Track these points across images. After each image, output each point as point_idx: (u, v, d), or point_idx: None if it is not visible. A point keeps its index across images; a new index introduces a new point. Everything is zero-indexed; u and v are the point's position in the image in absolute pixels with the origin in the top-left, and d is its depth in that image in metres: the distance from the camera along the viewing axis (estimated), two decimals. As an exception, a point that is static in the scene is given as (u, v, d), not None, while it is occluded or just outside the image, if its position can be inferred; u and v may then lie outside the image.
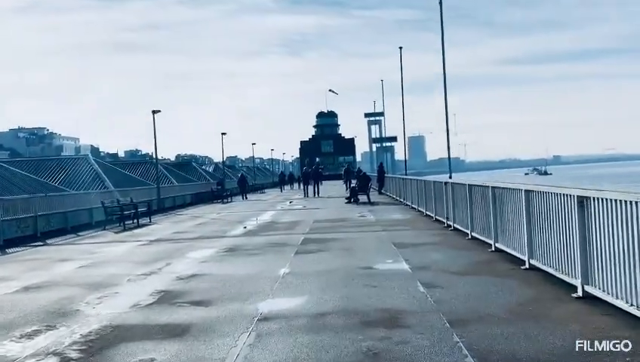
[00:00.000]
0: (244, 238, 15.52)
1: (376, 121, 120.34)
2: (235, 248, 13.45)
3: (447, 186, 15.82)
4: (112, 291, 8.99)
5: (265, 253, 12.44)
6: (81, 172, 30.81)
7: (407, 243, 12.76)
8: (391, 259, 10.72)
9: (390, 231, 15.36)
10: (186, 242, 15.37)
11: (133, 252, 13.99)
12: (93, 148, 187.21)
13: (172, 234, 17.69)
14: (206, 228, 19.15)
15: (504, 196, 10.46)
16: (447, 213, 15.85)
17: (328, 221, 19.48)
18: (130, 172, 41.64)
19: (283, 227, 18.21)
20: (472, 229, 12.96)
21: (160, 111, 30.73)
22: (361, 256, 11.31)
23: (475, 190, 12.73)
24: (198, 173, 53.46)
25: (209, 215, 25.95)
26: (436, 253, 11.33)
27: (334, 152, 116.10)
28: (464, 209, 13.63)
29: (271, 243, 14.11)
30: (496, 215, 10.91)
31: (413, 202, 23.19)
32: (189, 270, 10.55)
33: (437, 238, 13.53)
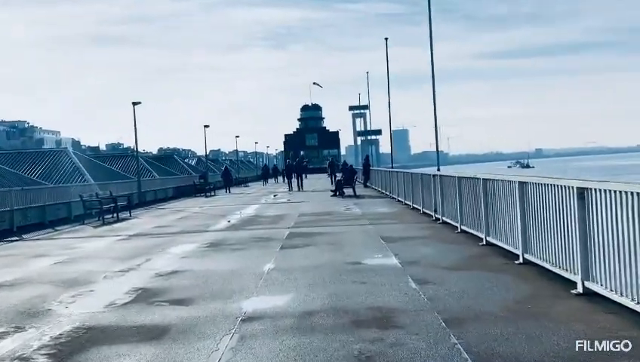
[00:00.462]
0: (228, 233, 15.08)
1: (361, 114, 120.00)
2: (217, 243, 13.02)
3: (435, 179, 15.49)
4: (87, 289, 8.53)
5: (249, 247, 12.02)
6: (60, 165, 30.12)
7: (395, 237, 12.40)
8: (380, 254, 10.35)
9: (377, 225, 15.00)
10: (167, 237, 14.90)
11: (112, 247, 13.51)
12: (75, 141, 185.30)
13: (153, 229, 17.20)
14: (188, 223, 18.68)
15: (496, 188, 10.12)
16: (436, 206, 15.52)
17: (314, 214, 19.09)
18: (111, 165, 40.96)
19: (267, 221, 17.79)
20: (461, 222, 12.63)
21: (140, 103, 30.12)
22: (349, 250, 10.93)
23: (464, 182, 12.40)
24: (180, 167, 52.78)
25: (191, 209, 25.45)
26: (426, 247, 10.98)
27: (319, 146, 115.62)
28: (453, 202, 13.30)
29: (255, 237, 13.69)
30: (488, 208, 10.58)
31: (399, 195, 22.87)
32: (169, 266, 10.11)
33: (426, 232, 13.19)
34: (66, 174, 29.13)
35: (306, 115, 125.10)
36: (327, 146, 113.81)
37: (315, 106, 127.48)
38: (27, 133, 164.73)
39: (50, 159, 30.46)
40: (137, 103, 30.04)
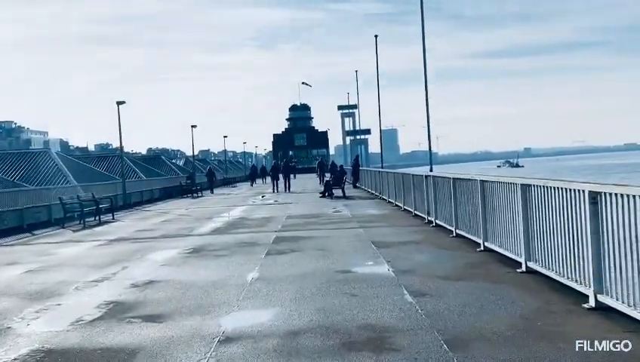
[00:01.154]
0: (212, 237, 14.41)
1: (350, 114, 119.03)
2: (200, 248, 12.35)
3: (428, 180, 14.89)
4: (54, 302, 7.85)
5: (233, 253, 11.36)
6: (42, 167, 29.27)
7: (387, 242, 11.79)
8: (371, 261, 9.72)
9: (368, 228, 14.38)
10: (149, 242, 14.21)
11: (89, 253, 12.80)
12: (63, 142, 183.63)
13: (134, 233, 16.49)
14: (171, 226, 17.98)
15: (496, 191, 9.53)
16: (428, 208, 14.92)
17: (302, 217, 18.44)
18: (96, 166, 40.10)
19: (254, 224, 17.13)
20: (456, 226, 12.04)
21: (124, 102, 29.32)
22: (338, 257, 10.30)
23: (460, 184, 11.80)
24: (167, 167, 51.91)
25: (177, 211, 24.72)
26: (420, 253, 10.37)
27: (307, 145, 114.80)
28: (448, 204, 12.71)
29: (240, 242, 13.03)
30: (486, 211, 9.98)
31: (390, 196, 22.27)
32: (146, 275, 9.43)
33: (419, 236, 12.58)
34: (48, 176, 28.29)
35: (294, 115, 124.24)
36: (316, 146, 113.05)
37: (304, 106, 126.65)
38: (14, 134, 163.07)
39: (31, 160, 29.59)
40: (122, 103, 29.24)
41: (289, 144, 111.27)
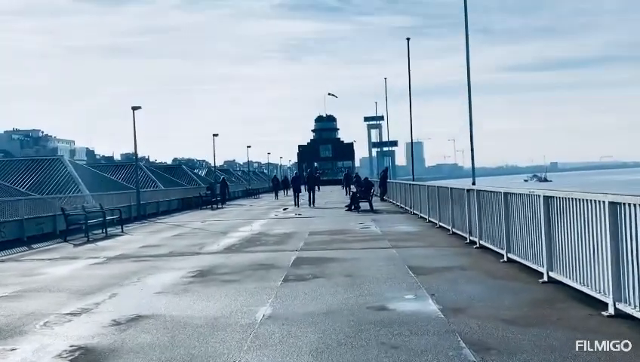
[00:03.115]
0: (223, 256, 12.69)
1: (377, 125, 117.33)
2: (207, 271, 10.64)
3: (471, 194, 13.03)
4: (8, 347, 6.15)
5: (244, 279, 9.62)
6: (54, 175, 27.93)
7: (426, 268, 9.95)
8: (411, 294, 7.90)
9: (401, 249, 12.55)
10: (152, 261, 12.53)
11: (80, 274, 11.14)
12: (89, 150, 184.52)
13: (139, 249, 14.84)
14: (182, 242, 16.31)
15: (566, 209, 7.67)
16: (470, 226, 13.06)
17: (326, 233, 16.67)
18: (114, 175, 38.75)
19: (272, 241, 15.38)
20: (508, 249, 10.17)
21: (140, 107, 27.88)
22: (370, 286, 8.50)
23: (514, 199, 9.93)
24: (188, 177, 50.39)
25: (192, 223, 23.09)
26: (469, 283, 8.52)
27: (333, 157, 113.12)
28: (497, 223, 10.84)
29: (254, 263, 11.30)
30: (552, 234, 8.12)
31: (422, 211, 20.40)
32: (135, 307, 7.72)
33: (463, 260, 10.73)
34: (60, 184, 26.93)
35: (320, 126, 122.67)
36: (341, 158, 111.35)
37: (330, 117, 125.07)
38: (41, 142, 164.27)
39: (43, 168, 28.28)
40: (137, 108, 27.84)
41: (314, 155, 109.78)
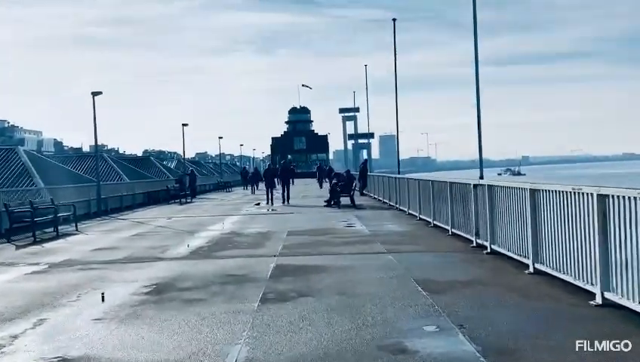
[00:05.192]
0: (188, 264, 10.67)
1: (352, 117, 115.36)
2: (166, 285, 8.61)
3: (479, 190, 11.18)
4: None
5: (211, 298, 7.63)
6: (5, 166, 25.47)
7: (438, 282, 8.06)
8: (431, 323, 5.98)
9: (399, 254, 10.65)
10: (101, 269, 10.45)
11: (7, 289, 8.99)
12: (57, 142, 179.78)
13: (90, 253, 12.72)
14: (142, 243, 14.21)
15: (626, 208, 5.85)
16: (477, 227, 11.22)
17: (307, 233, 14.71)
18: (76, 167, 36.23)
19: (246, 243, 13.37)
20: (536, 258, 8.33)
21: (101, 93, 25.46)
22: (374, 311, 6.57)
23: (544, 197, 8.08)
24: (156, 169, 47.88)
25: (157, 220, 20.93)
26: (501, 307, 6.63)
27: (307, 149, 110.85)
28: (519, 226, 8.99)
29: (225, 274, 9.30)
30: (608, 241, 6.29)
31: (411, 207, 18.55)
32: (61, 346, 5.69)
33: (478, 271, 8.86)
34: (11, 177, 24.51)
35: (293, 118, 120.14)
36: (315, 150, 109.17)
37: (304, 109, 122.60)
38: (7, 133, 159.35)
39: (-4, 160, 25.82)
40: (98, 93, 25.49)
41: (288, 147, 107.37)
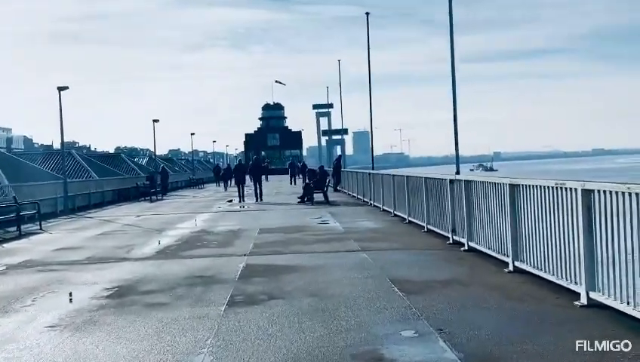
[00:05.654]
0: (154, 264, 10.18)
1: (326, 113, 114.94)
2: (128, 288, 8.13)
3: (455, 186, 10.87)
4: None
5: (175, 302, 7.17)
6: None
7: (414, 281, 7.71)
8: (409, 328, 5.61)
9: (373, 252, 10.30)
10: (62, 270, 9.91)
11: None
12: (27, 139, 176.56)
13: (52, 253, 12.15)
14: (108, 242, 13.66)
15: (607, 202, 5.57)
16: (454, 224, 10.92)
17: (279, 230, 14.30)
18: (44, 164, 35.30)
19: (216, 241, 12.91)
20: (515, 256, 8.03)
21: (67, 88, 24.63)
22: (348, 314, 6.18)
23: (524, 192, 7.77)
24: (126, 166, 47.01)
25: (125, 218, 20.32)
26: (482, 309, 6.29)
27: (281, 146, 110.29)
28: (498, 222, 8.68)
29: (192, 275, 8.85)
30: (593, 237, 5.99)
31: (386, 204, 18.24)
32: (4, 358, 5.21)
33: (456, 269, 8.54)
34: (-26, 175, 23.67)
35: (267, 115, 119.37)
36: (289, 146, 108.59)
37: (277, 105, 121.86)
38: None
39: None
40: (64, 88, 24.65)
41: (261, 144, 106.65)
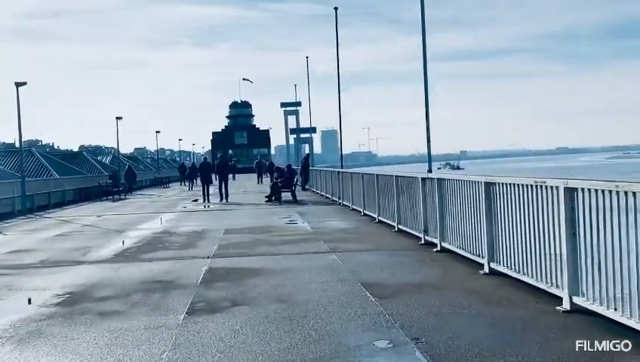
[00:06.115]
0: (111, 267, 9.61)
1: (294, 112, 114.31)
2: (81, 294, 7.57)
3: (427, 184, 10.51)
4: None
5: (131, 310, 6.64)
6: None
7: (387, 285, 7.31)
8: (383, 338, 5.19)
9: (344, 254, 9.88)
10: (12, 275, 9.28)
11: None
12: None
13: (4, 256, 11.47)
14: (64, 244, 13.00)
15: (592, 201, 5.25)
16: (427, 224, 10.57)
17: (245, 231, 13.80)
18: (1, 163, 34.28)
19: (178, 243, 12.36)
20: (491, 258, 7.69)
21: (26, 83, 23.84)
22: (317, 322, 5.74)
23: (501, 191, 7.43)
24: (89, 165, 45.99)
25: (85, 218, 19.58)
26: (460, 315, 5.90)
27: (248, 144, 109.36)
28: (473, 222, 8.33)
29: (150, 280, 8.32)
30: (577, 239, 5.65)
31: (355, 203, 17.86)
32: None
33: (430, 272, 8.16)
34: None
35: (234, 113, 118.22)
36: (257, 145, 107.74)
37: (245, 103, 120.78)
38: None
39: None
40: (22, 84, 23.80)
41: (229, 142, 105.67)
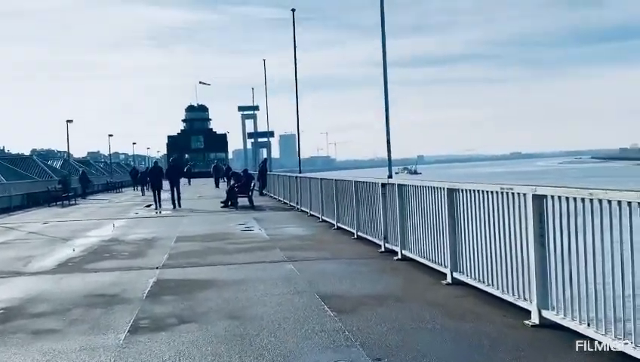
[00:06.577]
0: (52, 279, 8.96)
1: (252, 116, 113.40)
2: (15, 310, 6.96)
3: (387, 190, 10.17)
4: None
5: (67, 329, 6.08)
6: None
7: (346, 298, 6.90)
8: (341, 357, 4.79)
9: (301, 262, 9.45)
10: (-60, 289, 8.57)
11: None
12: None
13: (-64, 268, 10.69)
14: (6, 253, 12.23)
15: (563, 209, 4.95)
16: (386, 231, 10.22)
17: (198, 238, 13.25)
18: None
19: (127, 251, 11.74)
20: (454, 267, 7.37)
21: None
22: (270, 342, 5.29)
23: (465, 197, 7.11)
24: (39, 169, 44.46)
25: (30, 225, 18.69)
26: (423, 330, 5.53)
27: (205, 148, 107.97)
28: (435, 230, 8.00)
29: (93, 293, 7.74)
30: (546, 249, 5.35)
31: (313, 208, 17.48)
32: None
33: (391, 282, 7.80)
34: None
35: (191, 116, 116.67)
36: (214, 149, 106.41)
37: (202, 107, 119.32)
38: None
39: None
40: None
41: (185, 146, 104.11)
